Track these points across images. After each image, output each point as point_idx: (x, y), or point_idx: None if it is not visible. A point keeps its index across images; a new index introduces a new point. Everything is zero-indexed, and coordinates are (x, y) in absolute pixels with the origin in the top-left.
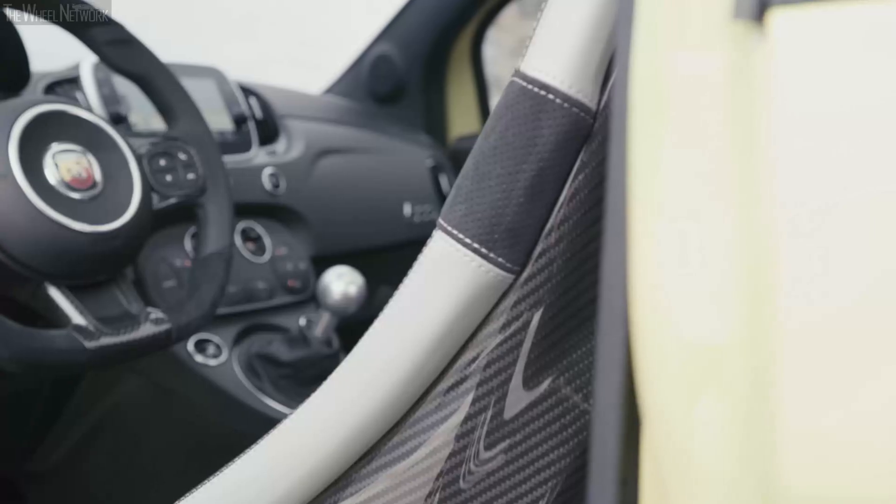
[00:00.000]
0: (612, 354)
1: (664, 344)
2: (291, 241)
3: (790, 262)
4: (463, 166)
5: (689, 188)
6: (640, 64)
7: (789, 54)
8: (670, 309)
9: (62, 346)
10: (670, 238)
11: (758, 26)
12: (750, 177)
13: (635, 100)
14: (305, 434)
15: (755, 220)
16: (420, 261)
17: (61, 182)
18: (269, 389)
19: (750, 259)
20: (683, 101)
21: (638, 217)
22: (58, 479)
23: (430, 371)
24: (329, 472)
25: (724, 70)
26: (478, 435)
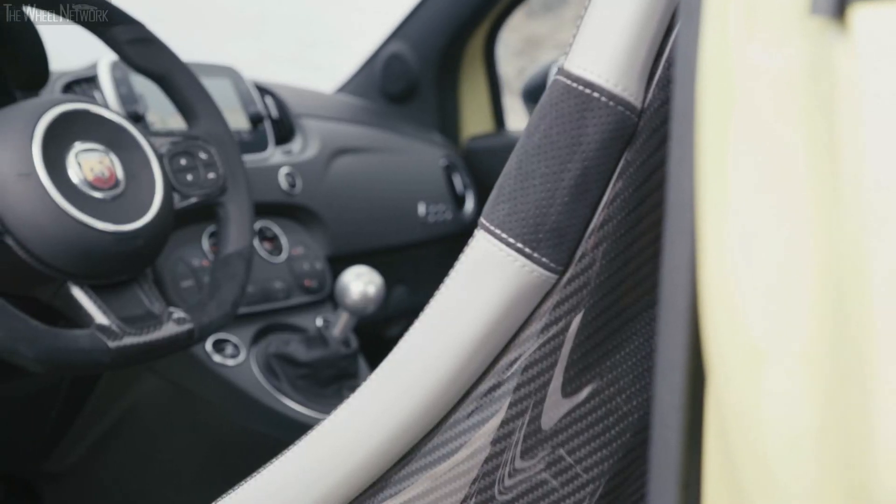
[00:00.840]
0: (673, 356)
1: (738, 344)
2: (308, 240)
3: (884, 257)
4: (471, 164)
5: (761, 184)
6: (708, 60)
7: (875, 51)
8: (745, 308)
9: (86, 345)
10: (744, 235)
11: (837, 22)
12: (830, 172)
13: (702, 97)
14: (346, 435)
15: (837, 215)
16: (461, 261)
17: (84, 181)
18: (287, 389)
19: (832, 255)
20: (755, 98)
21: (707, 215)
22: (74, 480)
23: (471, 372)
24: (369, 473)
25: (800, 66)
26: (515, 439)
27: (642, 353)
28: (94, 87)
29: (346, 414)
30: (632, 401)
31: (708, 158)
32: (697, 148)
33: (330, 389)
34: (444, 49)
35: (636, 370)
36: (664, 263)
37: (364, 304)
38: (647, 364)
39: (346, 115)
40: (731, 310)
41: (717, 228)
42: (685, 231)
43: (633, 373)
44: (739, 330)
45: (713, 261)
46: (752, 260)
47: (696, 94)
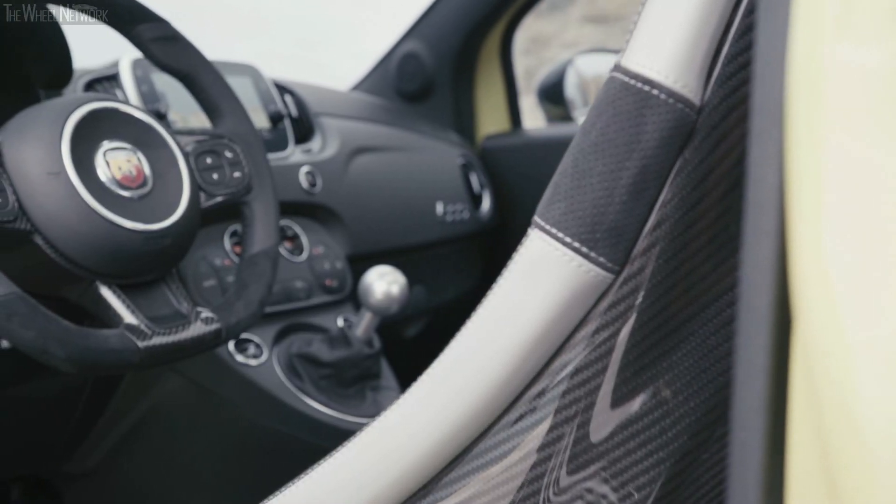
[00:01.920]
0: (754, 357)
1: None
2: (328, 239)
3: None
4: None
5: (857, 182)
6: (797, 58)
7: None
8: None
9: (116, 345)
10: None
11: None
12: None
13: (791, 94)
14: (399, 436)
15: None
16: (515, 260)
17: (112, 180)
18: (310, 390)
19: None
20: (848, 96)
21: (800, 214)
22: (96, 480)
23: (525, 374)
24: (422, 474)
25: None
26: (564, 444)
27: (698, 354)
28: (115, 86)
29: (398, 415)
30: (688, 402)
31: (799, 157)
32: (786, 146)
33: (352, 390)
34: (460, 48)
35: (692, 372)
36: (744, 263)
37: (388, 303)
38: (703, 365)
39: (364, 113)
40: (831, 308)
41: (812, 227)
42: (768, 230)
43: (689, 374)
44: (840, 327)
45: (809, 262)
46: (853, 262)
47: (784, 91)
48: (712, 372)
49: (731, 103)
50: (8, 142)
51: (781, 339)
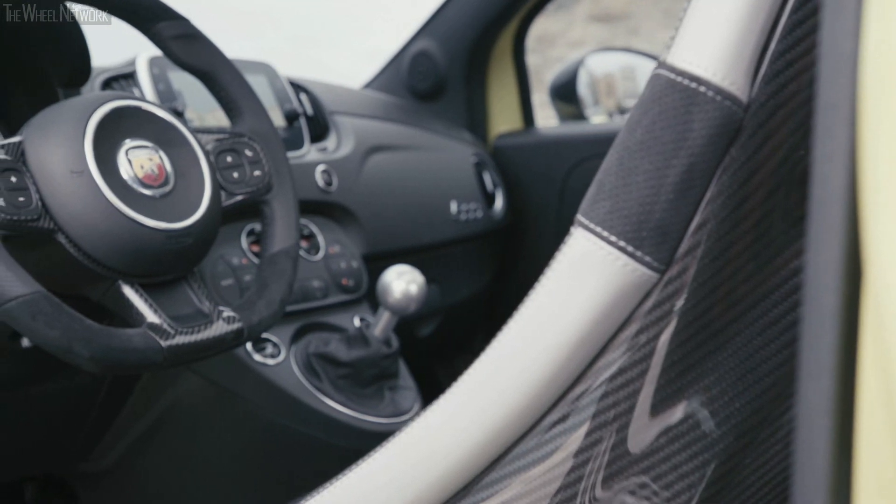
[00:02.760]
0: (820, 357)
1: None
2: (344, 238)
3: None
4: (500, 162)
5: None
6: (871, 54)
7: None
8: None
9: (139, 345)
10: None
11: None
12: None
13: (864, 91)
14: (441, 437)
15: None
16: (558, 259)
17: (134, 178)
18: (328, 389)
19: None
20: None
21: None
22: (112, 480)
23: (569, 374)
24: (462, 475)
25: None
26: (602, 448)
27: (742, 355)
28: (132, 84)
29: (439, 415)
30: (733, 404)
31: (877, 153)
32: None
33: (370, 389)
34: (472, 46)
35: (736, 373)
36: (809, 261)
37: (406, 303)
38: (748, 366)
39: (378, 112)
40: None
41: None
42: (835, 228)
43: (733, 376)
44: None
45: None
46: None
47: (854, 87)
48: (758, 373)
49: (778, 101)
50: (30, 140)
51: (849, 337)
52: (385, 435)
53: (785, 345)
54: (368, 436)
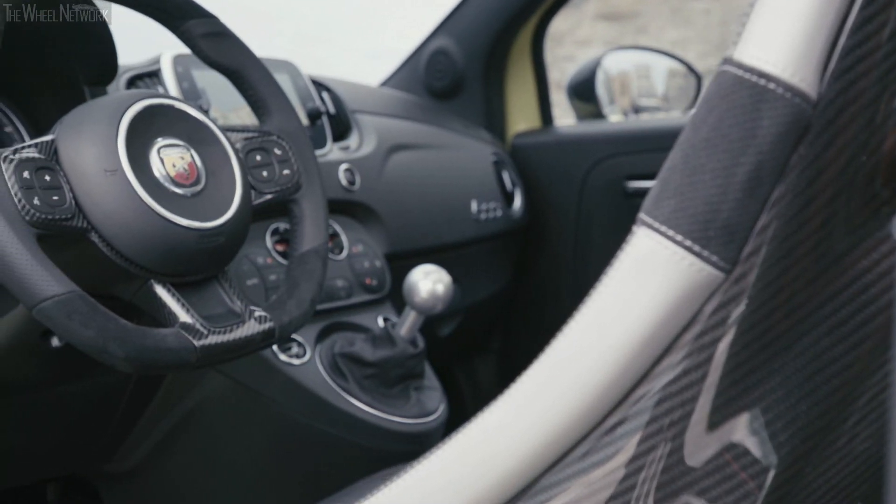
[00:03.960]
0: None
1: None
2: (366, 238)
3: None
4: (518, 161)
5: None
6: None
7: None
8: None
9: (173, 345)
10: None
11: None
12: None
13: None
14: (500, 439)
15: None
16: (620, 259)
17: (167, 177)
18: (354, 390)
19: None
20: None
21: None
22: (136, 480)
23: (632, 375)
24: (521, 478)
25: None
26: (658, 454)
27: (807, 357)
28: (156, 82)
29: (498, 417)
30: (799, 406)
31: None
32: None
33: (396, 390)
34: (491, 44)
35: (800, 376)
36: None
37: (433, 302)
38: (813, 368)
39: (398, 110)
40: None
41: None
42: None
43: (798, 378)
44: None
45: None
46: None
47: None
48: (823, 375)
49: (847, 98)
50: (63, 139)
51: None
52: (411, 435)
53: (852, 346)
54: (395, 436)
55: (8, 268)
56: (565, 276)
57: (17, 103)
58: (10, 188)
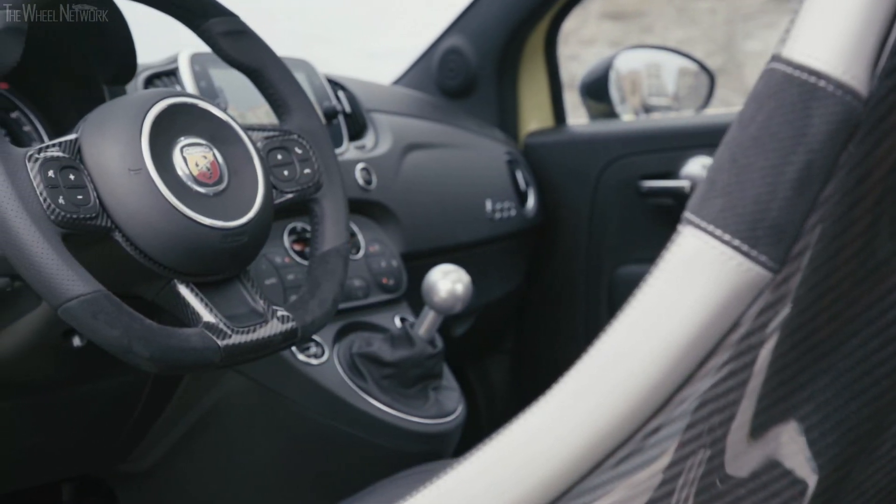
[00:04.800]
0: None
1: None
2: (383, 237)
3: None
4: (531, 160)
5: None
6: None
7: None
8: None
9: (197, 344)
10: None
11: None
12: None
13: None
14: (543, 440)
15: None
16: (666, 259)
17: (189, 176)
18: (373, 390)
19: None
20: None
21: None
22: (153, 480)
23: (678, 376)
24: (564, 480)
25: None
26: (698, 460)
27: (853, 360)
28: (174, 81)
29: (540, 419)
30: (845, 408)
31: None
32: None
33: (414, 390)
34: (504, 43)
35: (847, 378)
36: None
37: (452, 302)
38: (861, 370)
39: (413, 109)
40: None
41: None
42: None
43: (844, 381)
44: None
45: None
46: None
47: None
48: (872, 377)
49: None
50: (87, 138)
51: None
52: (430, 436)
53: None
54: (414, 437)
55: (34, 267)
56: (578, 276)
57: (36, 102)
58: (36, 187)
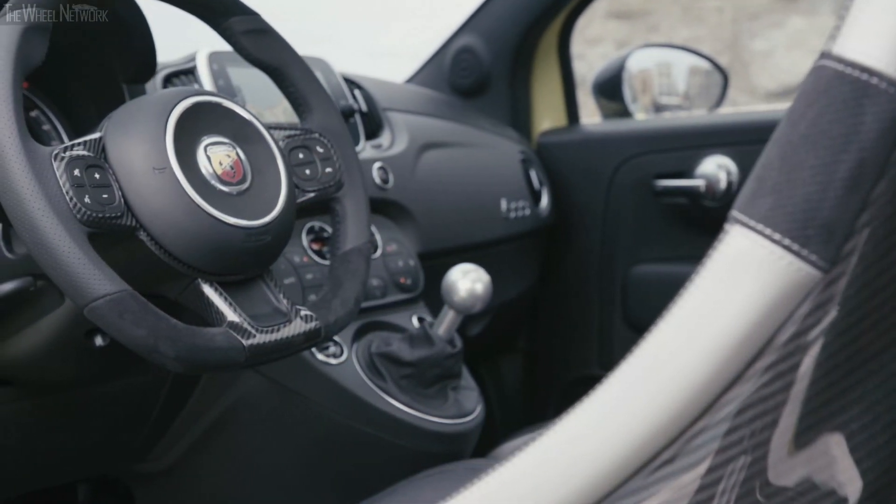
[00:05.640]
0: None
1: None
2: (400, 237)
3: None
4: (544, 159)
5: None
6: None
7: None
8: None
9: (223, 344)
10: None
11: None
12: None
13: None
14: (587, 442)
15: None
16: (713, 258)
17: (213, 175)
18: (392, 389)
19: None
20: None
21: None
22: (170, 480)
23: (724, 378)
24: (609, 482)
25: None
26: (739, 464)
27: None
28: (192, 80)
29: (584, 420)
30: (889, 415)
31: None
32: None
33: (433, 390)
34: (517, 42)
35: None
36: None
37: (472, 302)
38: None
39: (428, 108)
40: None
41: None
42: None
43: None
44: None
45: None
46: None
47: None
48: None
49: None
50: (111, 136)
51: None
52: (450, 436)
53: None
54: (434, 437)
55: (60, 266)
56: (592, 276)
57: (55, 101)
58: (62, 186)
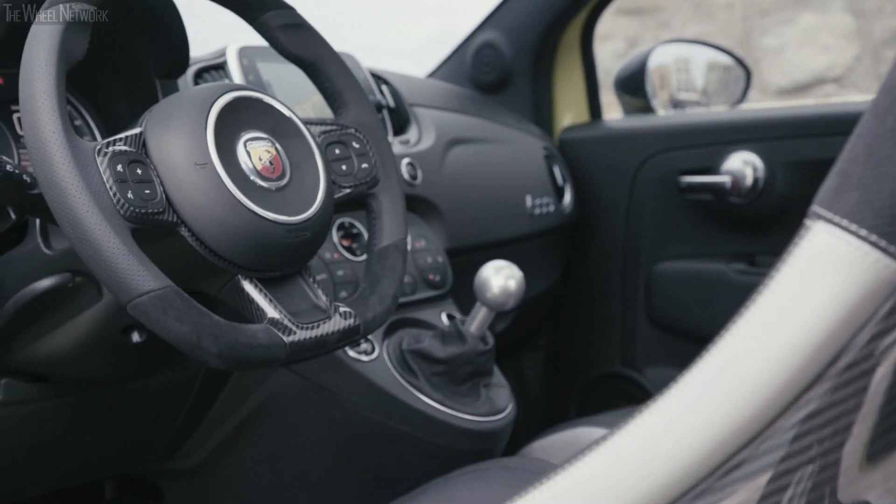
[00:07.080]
0: None
1: None
2: (428, 233)
3: None
4: (566, 155)
5: None
6: None
7: None
8: None
9: (264, 341)
10: None
11: None
12: None
13: None
14: (664, 442)
15: None
16: (795, 255)
17: (253, 170)
18: (424, 387)
19: None
20: None
21: None
22: (199, 477)
23: (806, 377)
24: (686, 481)
25: None
26: (808, 472)
27: None
28: (223, 75)
29: (659, 419)
30: None
31: None
32: None
33: (465, 387)
34: (540, 38)
35: None
36: None
37: (504, 298)
38: None
39: (453, 103)
40: None
41: None
42: None
43: None
44: None
45: None
46: None
47: None
48: None
49: None
50: (152, 132)
51: None
52: (483, 433)
53: None
54: (466, 434)
55: (105, 263)
56: (615, 273)
57: (87, 96)
58: (106, 181)
